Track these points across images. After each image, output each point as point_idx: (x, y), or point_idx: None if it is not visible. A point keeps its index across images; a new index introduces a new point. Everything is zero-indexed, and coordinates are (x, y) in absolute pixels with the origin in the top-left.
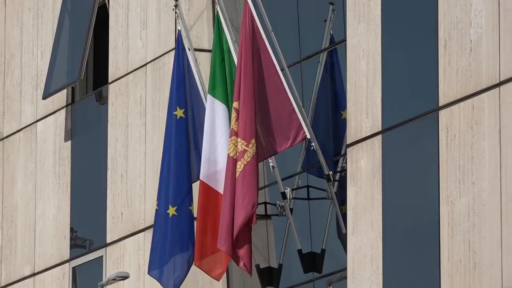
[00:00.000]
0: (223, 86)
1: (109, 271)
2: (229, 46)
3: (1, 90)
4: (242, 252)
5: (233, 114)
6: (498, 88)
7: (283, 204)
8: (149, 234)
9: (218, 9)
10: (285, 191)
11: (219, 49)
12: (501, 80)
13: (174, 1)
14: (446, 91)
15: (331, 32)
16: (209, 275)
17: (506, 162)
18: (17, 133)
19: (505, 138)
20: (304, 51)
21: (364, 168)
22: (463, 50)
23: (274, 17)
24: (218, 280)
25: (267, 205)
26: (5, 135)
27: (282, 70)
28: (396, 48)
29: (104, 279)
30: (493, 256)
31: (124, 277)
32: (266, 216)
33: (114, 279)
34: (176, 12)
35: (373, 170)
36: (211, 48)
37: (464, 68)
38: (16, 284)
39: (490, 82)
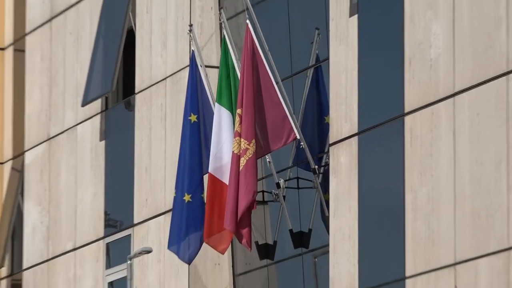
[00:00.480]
0: (228, 96)
1: (136, 246)
2: (233, 63)
3: (48, 99)
4: (244, 231)
5: (237, 119)
6: (453, 98)
7: (277, 192)
8: (168, 216)
9: (225, 33)
10: (279, 181)
11: (225, 66)
12: (455, 91)
13: (189, 27)
14: (410, 100)
15: (317, 52)
16: (215, 249)
17: (459, 159)
18: (61, 134)
19: (458, 139)
20: (294, 67)
21: (343, 163)
22: (424, 66)
23: (270, 39)
24: (223, 254)
25: (264, 193)
26: (51, 136)
27: (276, 82)
28: (369, 65)
29: (132, 253)
30: (448, 235)
31: (148, 251)
32: (264, 202)
33: (140, 253)
34: (190, 36)
35: (351, 165)
36: (218, 65)
37: (425, 81)
38: (60, 257)
39: (446, 93)
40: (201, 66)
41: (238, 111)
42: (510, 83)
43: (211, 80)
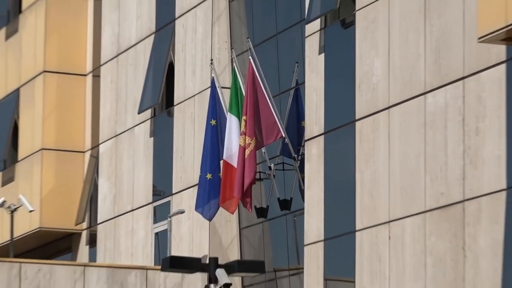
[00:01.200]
0: (236, 107)
1: (173, 208)
2: (240, 85)
3: (115, 108)
4: (247, 199)
5: (243, 123)
6: (388, 110)
7: (269, 173)
8: (196, 189)
9: (235, 65)
10: (271, 165)
11: (235, 87)
12: (389, 105)
13: (210, 61)
14: (359, 111)
15: (297, 78)
16: (227, 211)
17: (392, 151)
18: (124, 133)
19: (391, 138)
20: (281, 88)
21: (314, 153)
22: (369, 88)
23: (265, 69)
24: (232, 214)
25: (261, 173)
26: (117, 134)
27: (269, 98)
28: (332, 87)
29: (171, 213)
30: (384, 202)
31: (182, 212)
32: (260, 179)
33: (176, 213)
34: (211, 67)
35: (319, 155)
36: (230, 86)
37: (369, 99)
38: (122, 215)
39: (384, 107)
40: (218, 87)
41: (244, 117)
42: (427, 100)
43: (225, 96)
